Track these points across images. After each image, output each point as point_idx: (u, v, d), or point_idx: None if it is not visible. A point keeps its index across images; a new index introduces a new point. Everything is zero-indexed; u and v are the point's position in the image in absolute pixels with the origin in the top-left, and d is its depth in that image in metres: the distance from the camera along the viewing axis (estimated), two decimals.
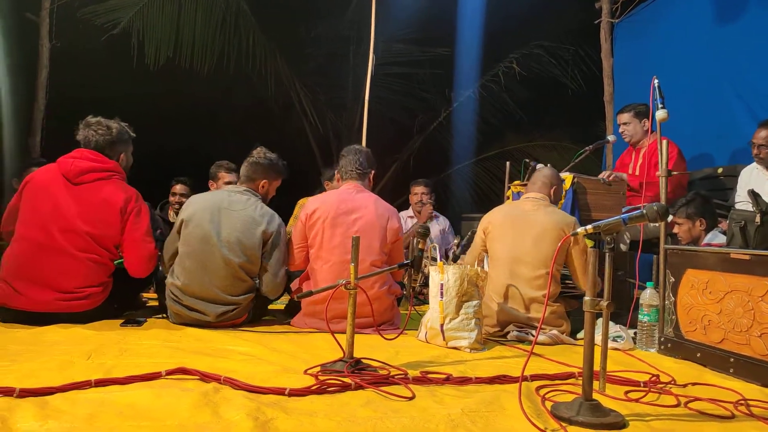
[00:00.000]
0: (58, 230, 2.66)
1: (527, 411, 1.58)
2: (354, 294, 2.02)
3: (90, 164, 2.77)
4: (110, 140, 2.85)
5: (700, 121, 4.45)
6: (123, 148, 2.92)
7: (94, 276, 2.71)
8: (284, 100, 7.79)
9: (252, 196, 2.95)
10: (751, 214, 2.51)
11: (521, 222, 2.91)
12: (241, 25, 6.87)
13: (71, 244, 2.67)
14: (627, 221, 1.64)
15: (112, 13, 6.02)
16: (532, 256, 2.83)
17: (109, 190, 2.76)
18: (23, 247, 2.67)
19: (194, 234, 2.79)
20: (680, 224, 3.41)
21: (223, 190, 3.01)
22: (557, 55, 7.66)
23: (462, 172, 8.43)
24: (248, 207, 2.88)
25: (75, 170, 2.73)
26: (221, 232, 2.78)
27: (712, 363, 2.27)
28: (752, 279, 2.12)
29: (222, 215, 2.82)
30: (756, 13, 4.11)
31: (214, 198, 2.91)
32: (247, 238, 2.81)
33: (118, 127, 2.90)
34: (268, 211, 2.94)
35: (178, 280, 2.76)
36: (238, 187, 2.99)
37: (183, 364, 1.90)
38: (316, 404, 1.63)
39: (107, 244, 2.76)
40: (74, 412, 1.45)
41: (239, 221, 2.83)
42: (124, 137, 2.93)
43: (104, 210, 2.73)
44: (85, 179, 2.74)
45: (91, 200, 2.73)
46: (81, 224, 2.69)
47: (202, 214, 2.82)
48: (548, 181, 3.05)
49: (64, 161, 2.77)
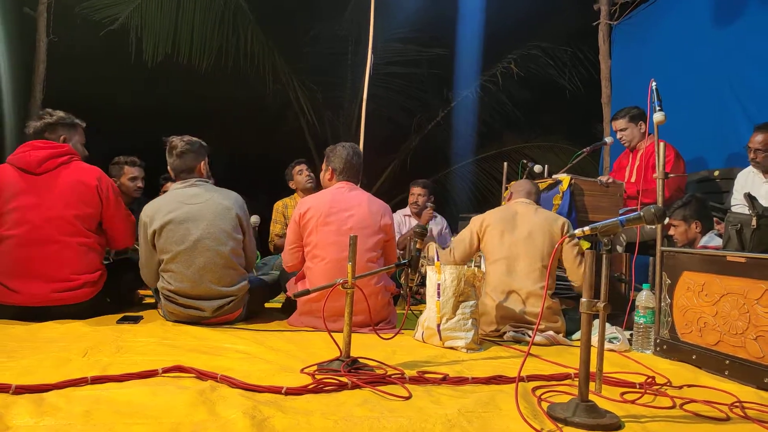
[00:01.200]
0: (43, 221, 2.65)
1: (523, 411, 1.59)
2: (351, 293, 2.02)
3: (45, 152, 2.74)
4: (48, 123, 2.83)
5: (697, 124, 4.46)
6: (64, 131, 2.88)
7: (86, 261, 2.72)
8: (282, 98, 7.78)
9: (204, 184, 2.92)
10: (747, 217, 2.52)
11: (515, 221, 3.05)
12: (240, 22, 6.86)
13: (59, 231, 2.67)
14: (624, 223, 1.65)
15: (110, 9, 6.00)
16: (526, 251, 2.94)
17: (77, 173, 2.78)
18: (9, 246, 2.65)
19: (174, 238, 2.74)
20: (676, 226, 3.42)
21: (174, 190, 2.89)
22: (555, 57, 7.67)
23: (460, 172, 8.44)
24: (213, 195, 2.85)
25: (34, 160, 2.70)
26: (201, 226, 2.75)
27: (707, 365, 2.28)
28: (748, 282, 2.13)
29: (193, 211, 2.77)
30: (754, 17, 4.13)
31: (174, 199, 2.82)
32: (227, 225, 2.81)
33: (61, 113, 2.89)
34: (231, 192, 2.95)
35: (170, 284, 2.73)
36: (185, 182, 2.90)
37: (179, 361, 1.90)
38: (313, 403, 1.62)
39: (92, 224, 2.79)
40: (70, 410, 1.45)
41: (212, 211, 2.79)
42: (66, 121, 2.89)
43: (81, 191, 2.75)
44: (47, 167, 2.72)
45: (65, 185, 2.72)
46: (65, 209, 2.69)
47: (173, 216, 2.76)
48: (532, 191, 3.24)
49: (19, 156, 2.73)
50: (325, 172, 3.12)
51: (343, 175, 3.05)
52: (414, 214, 5.18)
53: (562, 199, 3.48)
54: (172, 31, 6.36)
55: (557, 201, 3.51)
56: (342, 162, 3.05)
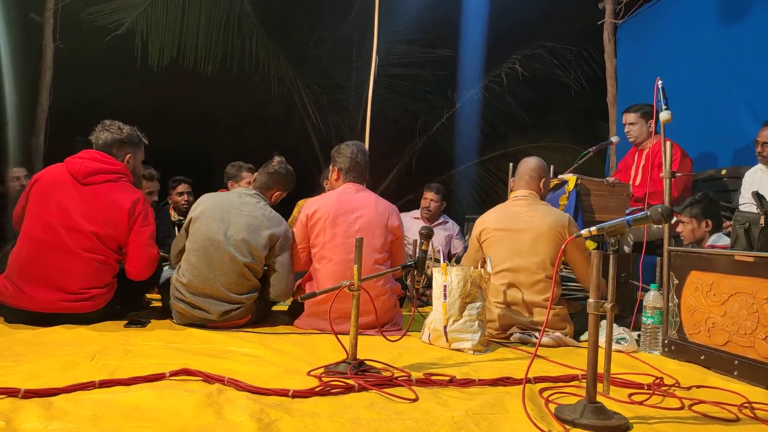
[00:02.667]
0: (64, 229, 2.67)
1: (531, 413, 1.58)
2: (357, 295, 2.02)
3: (98, 165, 2.78)
4: (119, 139, 2.87)
5: (703, 122, 4.44)
6: (131, 149, 2.92)
7: (98, 276, 2.72)
8: (287, 101, 7.79)
9: (261, 200, 2.98)
10: (756, 216, 2.50)
11: (516, 227, 2.87)
12: (245, 26, 6.88)
13: (76, 244, 2.67)
14: (631, 223, 1.64)
15: (115, 14, 6.03)
16: (530, 262, 2.80)
17: (117, 193, 2.78)
18: (28, 247, 2.68)
19: (201, 231, 2.81)
20: (685, 223, 3.38)
21: (234, 192, 3.04)
22: (560, 56, 7.65)
23: (465, 174, 8.42)
24: (257, 209, 2.90)
25: (84, 171, 2.74)
26: (228, 230, 2.80)
27: (716, 365, 2.26)
28: (756, 281, 2.11)
29: (231, 215, 2.84)
30: (760, 14, 4.10)
31: (224, 197, 2.95)
32: (254, 239, 2.82)
33: (130, 130, 2.94)
34: (277, 215, 2.96)
35: (184, 277, 2.78)
36: (249, 190, 3.02)
37: (186, 365, 1.91)
38: (320, 406, 1.63)
39: (112, 244, 2.76)
40: (78, 413, 1.46)
41: (246, 222, 2.84)
42: (134, 139, 2.94)
43: (111, 211, 2.74)
44: (93, 180, 2.75)
45: (99, 201, 2.74)
46: (86, 224, 2.69)
47: (212, 212, 2.85)
48: (536, 174, 2.93)
49: (72, 161, 2.78)
50: (331, 173, 3.12)
51: (349, 175, 3.04)
52: (424, 218, 5.15)
53: (568, 199, 3.47)
54: (178, 36, 6.39)
55: (563, 201, 3.49)
56: (347, 161, 3.03)
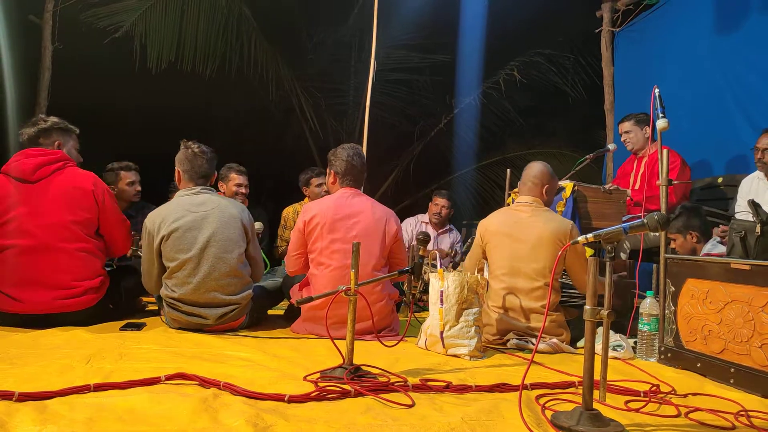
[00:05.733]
0: (40, 229, 2.65)
1: (527, 420, 1.58)
2: (354, 300, 2.01)
3: (39, 159, 2.74)
4: (43, 128, 2.84)
5: (700, 131, 4.46)
6: (58, 136, 2.88)
7: (87, 268, 2.72)
8: (285, 105, 7.80)
9: (210, 192, 2.91)
10: (752, 224, 2.51)
11: (518, 232, 2.87)
12: (243, 29, 6.88)
13: (58, 238, 2.67)
14: (628, 230, 1.65)
15: (114, 17, 6.03)
16: (530, 268, 2.81)
17: (74, 177, 2.78)
18: (10, 255, 2.65)
19: (180, 245, 2.73)
20: (674, 239, 3.44)
21: (182, 197, 2.87)
22: (558, 63, 7.68)
23: (463, 179, 8.43)
24: (219, 204, 2.85)
25: (28, 168, 2.71)
26: (207, 234, 2.75)
27: (712, 373, 2.26)
28: (752, 289, 2.12)
29: (199, 219, 2.77)
30: (756, 23, 4.13)
31: (179, 207, 2.81)
32: (233, 233, 2.81)
33: (55, 119, 2.90)
34: (236, 203, 2.98)
35: (174, 291, 2.73)
36: (192, 189, 2.89)
37: (182, 369, 1.90)
38: (316, 411, 1.62)
39: (90, 230, 2.79)
40: (73, 417, 1.45)
41: (218, 219, 2.80)
42: (60, 126, 2.90)
43: (77, 196, 2.76)
44: (42, 174, 2.72)
45: (61, 190, 2.73)
46: (62, 215, 2.69)
47: (181, 223, 2.75)
48: (539, 181, 2.94)
49: (12, 165, 2.73)
50: (328, 176, 3.11)
51: (346, 178, 3.03)
52: (433, 223, 5.15)
53: (565, 206, 3.48)
54: (176, 39, 6.39)
55: (560, 208, 3.50)
56: (343, 164, 3.02)
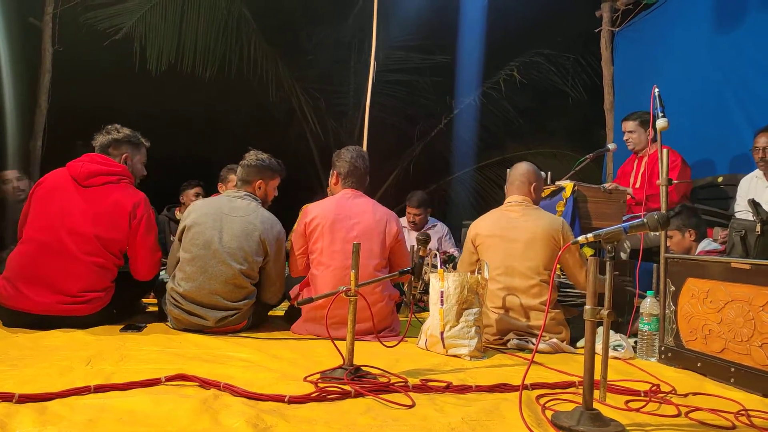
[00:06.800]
0: (65, 232, 2.68)
1: (527, 420, 1.58)
2: (354, 301, 2.02)
3: (98, 167, 2.80)
4: (115, 138, 2.89)
5: (700, 130, 4.46)
6: (128, 149, 2.93)
7: (97, 280, 2.72)
8: (285, 106, 7.80)
9: (252, 201, 2.95)
10: (752, 223, 2.52)
11: (509, 232, 2.87)
12: (243, 31, 6.89)
13: (77, 247, 2.67)
14: (628, 230, 1.65)
15: (114, 19, 6.04)
16: (524, 266, 2.81)
17: (118, 194, 2.79)
18: (29, 248, 2.68)
19: (196, 240, 2.79)
20: (671, 236, 3.43)
21: (223, 196, 3.01)
22: (558, 63, 7.68)
23: (462, 179, 8.43)
24: (249, 213, 2.88)
25: (84, 173, 2.76)
26: (223, 237, 2.79)
27: (712, 373, 2.26)
28: (753, 288, 2.12)
29: (224, 221, 2.83)
30: (756, 22, 4.13)
31: (215, 204, 2.92)
32: (248, 245, 2.81)
33: (129, 131, 2.95)
34: (270, 217, 2.94)
35: (180, 286, 2.76)
36: (238, 192, 2.99)
37: (182, 370, 1.90)
38: (316, 412, 1.62)
39: (113, 248, 2.78)
40: (73, 418, 1.45)
41: (240, 227, 2.83)
42: (131, 140, 2.95)
43: (113, 213, 2.76)
44: (94, 182, 2.76)
45: (100, 203, 2.75)
46: (89, 226, 2.70)
47: (204, 219, 2.82)
48: (525, 179, 2.97)
49: (74, 164, 2.80)
50: (331, 177, 3.13)
51: (348, 180, 3.04)
52: (412, 230, 5.09)
53: (565, 206, 3.48)
54: (176, 40, 6.39)
55: (560, 208, 3.50)
56: (346, 165, 3.04)
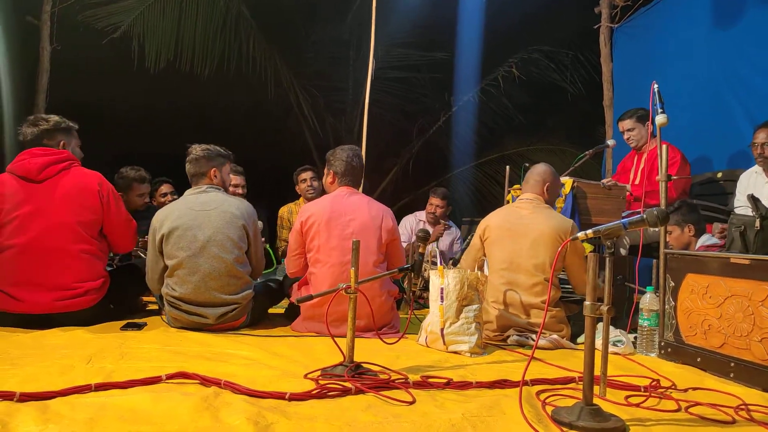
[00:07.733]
0: (44, 228, 2.65)
1: (528, 416, 1.58)
2: (354, 298, 2.02)
3: (46, 159, 2.74)
4: (46, 129, 2.82)
5: (699, 126, 4.45)
6: (62, 136, 2.87)
7: (89, 269, 2.72)
8: (284, 103, 7.80)
9: (216, 191, 2.93)
10: (751, 218, 2.51)
11: (518, 228, 2.89)
12: (242, 29, 6.89)
13: (61, 239, 2.67)
14: (627, 226, 1.65)
15: (113, 17, 6.03)
16: (529, 264, 2.82)
17: (78, 177, 2.78)
18: (12, 254, 2.64)
19: (180, 244, 2.75)
20: (670, 232, 3.43)
21: (187, 195, 2.93)
22: (557, 60, 7.68)
23: (462, 176, 8.44)
24: (222, 203, 2.86)
25: (35, 168, 2.70)
26: (207, 233, 2.76)
27: (712, 368, 2.27)
28: (752, 284, 2.12)
29: (200, 218, 2.78)
30: (755, 18, 4.12)
31: (183, 205, 2.85)
32: (233, 233, 2.80)
33: (57, 118, 2.89)
34: (241, 202, 2.96)
35: (174, 290, 2.74)
36: (199, 188, 2.93)
37: (183, 368, 1.90)
38: (317, 409, 1.62)
39: (94, 231, 2.79)
40: (74, 417, 1.45)
41: (219, 218, 2.80)
42: (63, 126, 2.89)
43: (82, 196, 2.75)
44: (47, 173, 2.72)
45: (65, 191, 2.72)
46: (67, 216, 2.69)
47: (181, 222, 2.77)
48: (540, 179, 3.01)
49: (18, 165, 2.72)
50: (326, 176, 3.12)
51: (344, 179, 3.04)
52: (429, 222, 5.14)
53: (564, 202, 3.48)
54: (175, 38, 6.40)
55: (560, 204, 3.50)
56: (342, 164, 3.04)
